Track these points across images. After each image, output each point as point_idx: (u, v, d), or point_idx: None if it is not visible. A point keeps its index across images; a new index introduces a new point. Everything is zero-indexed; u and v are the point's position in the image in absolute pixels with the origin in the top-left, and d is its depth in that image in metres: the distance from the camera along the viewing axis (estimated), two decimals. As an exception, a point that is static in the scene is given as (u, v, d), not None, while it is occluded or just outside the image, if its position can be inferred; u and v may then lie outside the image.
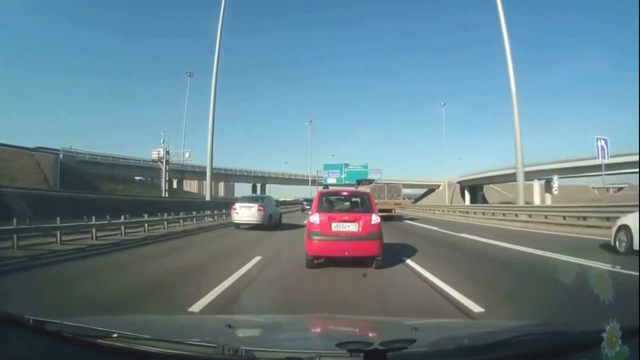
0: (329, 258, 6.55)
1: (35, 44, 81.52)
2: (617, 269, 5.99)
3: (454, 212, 27.93)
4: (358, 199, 7.55)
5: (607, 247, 8.28)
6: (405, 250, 8.61)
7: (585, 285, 1.70)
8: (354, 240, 6.28)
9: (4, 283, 5.59)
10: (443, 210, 30.43)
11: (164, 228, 14.62)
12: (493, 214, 21.13)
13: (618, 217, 8.72)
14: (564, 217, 15.07)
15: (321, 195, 7.17)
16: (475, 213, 23.36)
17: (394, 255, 7.56)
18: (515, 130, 20.83)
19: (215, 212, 21.42)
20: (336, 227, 6.39)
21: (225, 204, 28.97)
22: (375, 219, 6.48)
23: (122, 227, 12.20)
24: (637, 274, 5.56)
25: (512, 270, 6.81)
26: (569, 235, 12.37)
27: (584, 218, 14.04)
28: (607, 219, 12.16)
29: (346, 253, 6.25)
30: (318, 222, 6.42)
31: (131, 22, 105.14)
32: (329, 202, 7.18)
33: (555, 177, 26.84)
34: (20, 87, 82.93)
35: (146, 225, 13.69)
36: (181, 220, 16.43)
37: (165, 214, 15.44)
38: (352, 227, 6.39)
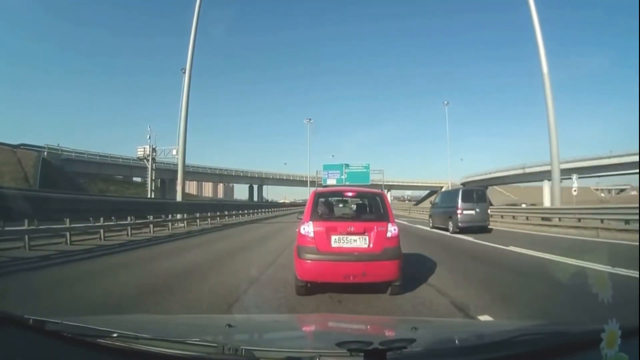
0: (327, 284, 4.95)
1: (21, 39, 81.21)
2: (617, 269, 5.98)
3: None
4: (367, 202, 6.00)
5: None
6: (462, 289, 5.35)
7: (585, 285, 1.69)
8: (363, 260, 4.69)
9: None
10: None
11: (101, 239, 11.72)
12: (527, 218, 18.57)
13: None
14: (602, 221, 13.46)
15: (317, 196, 5.39)
16: (502, 217, 20.53)
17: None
18: (550, 126, 18.36)
19: (188, 215, 19.63)
20: (337, 241, 4.78)
21: (213, 206, 27.30)
22: (392, 229, 4.90)
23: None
24: (637, 274, 5.55)
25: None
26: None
27: (627, 222, 12.36)
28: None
29: (351, 278, 4.66)
30: (312, 234, 4.81)
31: (121, 18, 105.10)
32: (328, 206, 5.57)
33: (574, 177, 23.78)
34: (5, 82, 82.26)
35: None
36: (129, 228, 13.46)
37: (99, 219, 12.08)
38: (360, 242, 4.79)
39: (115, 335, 1.33)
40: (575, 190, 23.44)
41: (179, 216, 19.24)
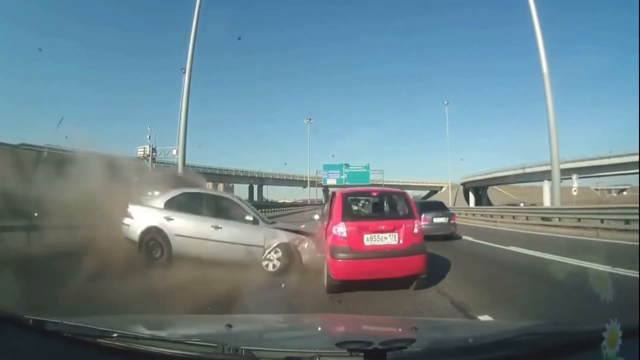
0: (359, 281, 5.07)
1: (22, 39, 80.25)
2: (617, 269, 5.96)
3: (473, 215, 26.36)
4: (393, 201, 6.12)
5: None
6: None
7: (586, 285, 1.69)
8: (394, 256, 4.93)
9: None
10: (459, 214, 29.43)
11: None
12: (527, 218, 18.76)
13: None
14: (602, 221, 13.40)
15: (345, 197, 5.52)
16: (502, 217, 21.08)
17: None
18: (550, 126, 18.20)
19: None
20: (370, 240, 4.99)
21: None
22: (418, 226, 5.22)
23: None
24: (637, 274, 5.55)
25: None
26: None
27: (627, 222, 12.24)
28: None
29: (384, 274, 4.91)
30: (345, 234, 4.96)
31: (121, 16, 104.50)
32: (357, 206, 5.83)
33: (574, 177, 23.86)
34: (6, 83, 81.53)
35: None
36: None
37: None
38: (391, 239, 5.02)
39: (115, 335, 1.33)
40: (575, 190, 23.43)
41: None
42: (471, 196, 64.56)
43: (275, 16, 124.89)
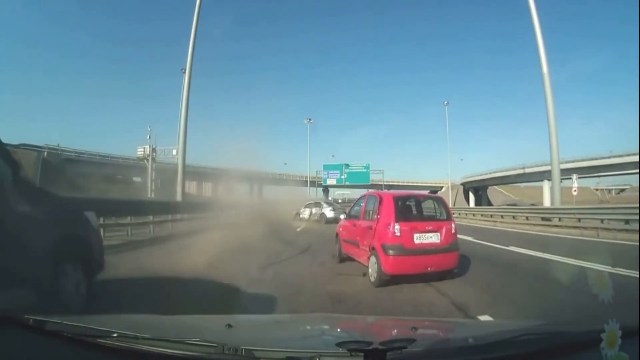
0: (406, 276, 5.58)
1: (22, 42, 79.75)
2: (617, 269, 5.97)
3: (473, 215, 26.45)
4: (435, 205, 6.81)
5: None
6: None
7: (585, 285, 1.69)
8: (436, 253, 5.62)
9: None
10: (459, 214, 29.31)
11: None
12: (527, 218, 18.76)
13: None
14: (602, 221, 13.35)
15: (396, 200, 6.12)
16: (502, 217, 21.08)
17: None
18: (550, 126, 18.13)
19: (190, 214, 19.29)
20: (418, 238, 5.63)
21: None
22: (454, 227, 5.97)
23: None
24: (637, 274, 5.55)
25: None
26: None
27: (627, 222, 12.18)
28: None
29: (429, 269, 5.50)
30: (399, 233, 5.58)
31: (120, 16, 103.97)
32: (407, 208, 6.36)
33: (574, 177, 23.94)
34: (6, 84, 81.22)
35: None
36: (130, 228, 13.48)
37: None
38: (434, 238, 5.70)
39: (115, 335, 1.33)
40: (575, 190, 23.43)
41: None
42: (471, 196, 64.46)
43: (275, 15, 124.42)
